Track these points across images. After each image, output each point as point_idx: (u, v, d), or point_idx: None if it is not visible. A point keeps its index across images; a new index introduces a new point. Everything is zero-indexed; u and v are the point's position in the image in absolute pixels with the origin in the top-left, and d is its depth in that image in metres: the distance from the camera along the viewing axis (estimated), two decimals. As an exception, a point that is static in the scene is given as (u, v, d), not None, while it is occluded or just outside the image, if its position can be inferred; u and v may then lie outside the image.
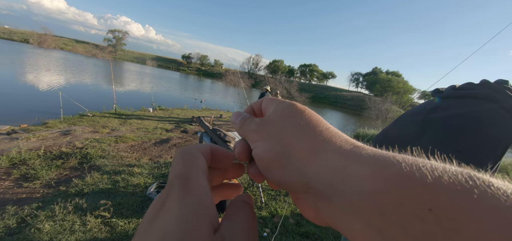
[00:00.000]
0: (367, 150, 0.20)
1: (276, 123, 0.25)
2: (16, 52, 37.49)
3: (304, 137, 0.22)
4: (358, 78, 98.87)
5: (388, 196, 0.16)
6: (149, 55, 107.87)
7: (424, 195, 0.15)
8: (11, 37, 77.21)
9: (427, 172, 0.16)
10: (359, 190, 0.17)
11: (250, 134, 0.26)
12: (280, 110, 0.26)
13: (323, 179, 0.20)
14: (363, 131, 12.85)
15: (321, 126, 0.23)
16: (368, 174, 0.17)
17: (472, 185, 0.14)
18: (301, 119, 0.24)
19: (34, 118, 7.06)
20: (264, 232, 2.73)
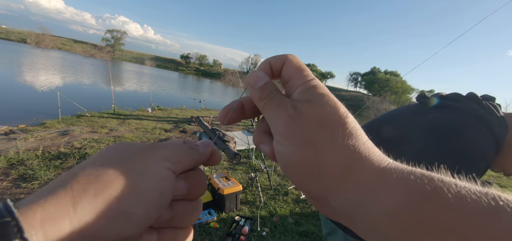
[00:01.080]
0: (397, 169, 0.19)
1: (311, 126, 0.21)
2: (14, 52, 37.26)
3: (340, 153, 0.20)
4: (356, 77, 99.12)
5: (410, 214, 0.16)
6: (147, 55, 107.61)
7: (447, 215, 0.15)
8: (9, 37, 76.75)
9: (451, 191, 0.16)
10: (384, 211, 0.17)
11: (277, 122, 0.23)
12: (320, 108, 0.22)
13: (349, 204, 0.20)
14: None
15: (359, 140, 0.21)
16: (393, 193, 0.18)
17: (496, 206, 0.14)
18: (342, 130, 0.21)
19: (32, 118, 7.02)
20: (263, 231, 2.73)
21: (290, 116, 0.22)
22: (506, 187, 6.09)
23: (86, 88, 16.68)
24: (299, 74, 0.24)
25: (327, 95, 0.23)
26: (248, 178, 3.98)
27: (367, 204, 0.19)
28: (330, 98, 0.22)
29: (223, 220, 2.83)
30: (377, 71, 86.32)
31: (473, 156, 0.63)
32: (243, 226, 2.69)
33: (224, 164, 4.62)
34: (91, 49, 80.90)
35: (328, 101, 0.22)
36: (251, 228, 2.73)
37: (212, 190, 3.05)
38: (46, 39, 75.55)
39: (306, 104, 0.22)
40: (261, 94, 0.24)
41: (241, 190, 3.11)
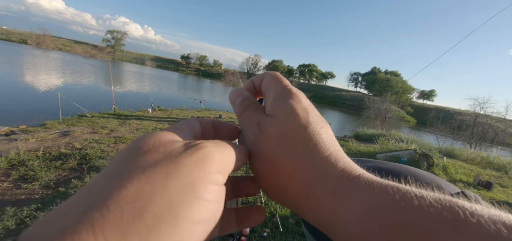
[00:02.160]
0: (364, 177, 0.19)
1: (273, 143, 0.21)
2: (15, 53, 37.35)
3: (302, 167, 0.20)
4: (357, 78, 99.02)
5: (379, 220, 0.16)
6: (148, 55, 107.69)
7: (416, 222, 0.15)
8: (9, 38, 76.91)
9: (420, 200, 0.16)
10: (352, 219, 0.17)
11: (250, 134, 0.23)
12: (281, 122, 0.21)
13: (319, 215, 0.20)
14: (362, 131, 12.88)
15: (325, 151, 0.20)
16: (361, 200, 0.18)
17: (463, 217, 0.15)
18: (305, 143, 0.20)
19: (32, 119, 7.03)
20: (264, 232, 2.73)
21: (254, 133, 0.22)
22: (507, 187, 6.07)
23: (87, 88, 16.71)
24: (272, 84, 0.24)
25: (291, 105, 0.22)
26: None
27: (338, 215, 0.18)
28: (294, 108, 0.21)
29: (223, 220, 2.83)
30: (378, 71, 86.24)
31: None
32: (244, 227, 2.68)
33: (225, 164, 4.63)
34: (91, 49, 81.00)
35: (291, 112, 0.21)
36: (252, 229, 2.72)
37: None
38: (47, 40, 75.67)
39: (270, 119, 0.22)
40: (239, 108, 0.25)
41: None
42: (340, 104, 66.72)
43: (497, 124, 15.31)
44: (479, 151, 11.13)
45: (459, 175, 6.41)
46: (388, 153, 7.60)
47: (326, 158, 0.20)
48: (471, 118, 16.30)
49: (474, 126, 15.40)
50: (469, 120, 16.30)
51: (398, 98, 60.65)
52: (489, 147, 13.84)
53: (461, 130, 16.16)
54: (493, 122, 15.30)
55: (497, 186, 5.81)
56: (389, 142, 9.34)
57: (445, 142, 14.56)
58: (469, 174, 6.69)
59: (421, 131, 22.10)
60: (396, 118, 30.08)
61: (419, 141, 10.69)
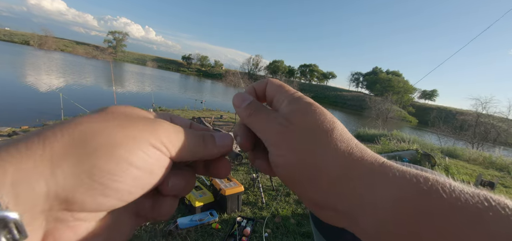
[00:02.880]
0: (392, 166, 0.20)
1: (304, 132, 0.22)
2: (17, 54, 37.57)
3: (335, 157, 0.21)
4: (358, 78, 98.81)
5: (409, 205, 0.17)
6: (149, 56, 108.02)
7: (443, 209, 0.16)
8: (12, 39, 77.38)
9: (445, 190, 0.17)
10: (383, 205, 0.18)
11: (269, 134, 0.23)
12: (309, 116, 0.23)
13: (349, 203, 0.20)
14: (363, 131, 12.85)
15: (351, 143, 0.22)
16: (392, 187, 0.18)
17: (488, 206, 0.15)
18: (333, 134, 0.22)
19: (34, 119, 7.07)
20: (265, 232, 2.73)
21: (281, 125, 0.23)
22: (510, 187, 6.04)
23: (89, 89, 16.76)
24: (283, 89, 0.26)
25: (313, 104, 0.24)
26: (249, 179, 3.98)
27: (367, 200, 0.19)
28: (317, 106, 0.24)
29: (225, 221, 2.83)
30: (379, 71, 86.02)
31: None
32: (245, 227, 2.68)
33: (226, 164, 4.62)
34: (93, 50, 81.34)
35: (315, 109, 0.23)
36: (253, 229, 2.72)
37: (214, 191, 3.05)
38: (49, 41, 76.08)
39: (296, 112, 0.23)
40: (247, 111, 0.25)
41: (243, 191, 3.11)
42: (341, 104, 66.59)
43: (499, 124, 15.23)
44: (481, 151, 11.08)
45: (461, 175, 6.38)
46: (389, 153, 7.57)
47: (354, 147, 0.22)
48: (473, 118, 16.22)
49: (476, 126, 15.32)
50: (471, 120, 16.22)
51: (399, 98, 60.46)
52: (491, 147, 13.75)
53: (463, 130, 16.09)
54: (496, 122, 15.22)
55: (499, 187, 5.78)
56: (391, 142, 9.31)
57: (447, 142, 14.49)
58: (471, 175, 6.66)
59: (423, 131, 22.02)
60: (398, 118, 29.99)
61: (421, 141, 10.65)
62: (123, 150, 0.17)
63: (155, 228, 2.54)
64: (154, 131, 0.19)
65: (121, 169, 0.17)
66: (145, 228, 2.53)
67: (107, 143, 0.16)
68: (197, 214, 2.75)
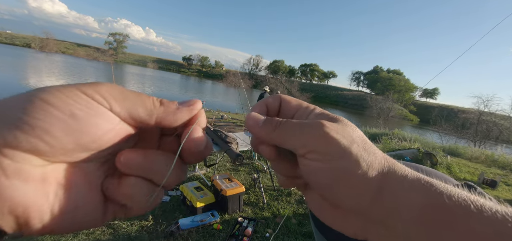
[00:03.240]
0: (419, 176, 0.21)
1: (346, 139, 0.22)
2: (19, 57, 37.78)
3: (375, 161, 0.22)
4: (359, 77, 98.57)
5: (435, 213, 0.18)
6: (150, 57, 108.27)
7: (467, 223, 0.17)
8: (13, 42, 77.77)
9: (472, 202, 0.18)
10: (413, 214, 0.19)
11: (308, 139, 0.22)
12: (344, 124, 0.23)
13: (383, 210, 0.21)
14: (365, 130, 12.82)
15: (378, 153, 0.23)
16: (420, 196, 0.19)
17: None
18: (367, 142, 0.23)
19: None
20: (266, 232, 2.72)
21: (317, 129, 0.22)
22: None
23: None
24: (302, 106, 0.26)
25: (340, 117, 0.24)
26: (251, 179, 3.98)
27: (399, 208, 0.20)
28: (344, 120, 0.24)
29: (226, 221, 2.83)
30: (380, 70, 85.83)
31: None
32: (246, 228, 2.68)
33: (227, 165, 4.62)
34: (94, 52, 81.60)
35: (346, 121, 0.24)
36: (254, 230, 2.72)
37: (215, 191, 3.05)
38: (50, 43, 76.36)
39: (332, 120, 0.23)
40: (268, 127, 0.24)
41: (244, 191, 3.11)
42: (343, 103, 66.45)
43: (501, 121, 15.15)
44: (483, 149, 11.02)
45: (463, 173, 6.35)
46: (391, 152, 7.56)
47: (386, 155, 0.23)
48: (475, 116, 16.14)
49: (478, 124, 15.25)
50: (473, 118, 16.14)
51: (400, 97, 60.29)
52: (493, 145, 13.69)
53: (465, 128, 16.01)
54: (498, 120, 15.14)
55: (502, 185, 5.74)
56: (392, 141, 9.28)
57: (448, 140, 14.42)
58: (474, 173, 6.63)
59: (424, 130, 21.95)
60: (399, 117, 29.92)
61: (423, 139, 10.60)
62: (43, 93, 0.17)
63: (157, 229, 2.55)
64: (92, 84, 0.19)
65: (34, 104, 0.17)
66: (147, 229, 2.54)
67: (46, 91, 0.17)
68: (198, 215, 2.75)
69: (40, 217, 0.17)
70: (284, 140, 0.24)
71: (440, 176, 0.79)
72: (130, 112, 0.20)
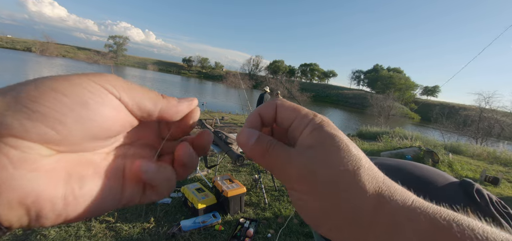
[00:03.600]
0: (422, 207, 0.19)
1: (329, 174, 0.20)
2: (20, 61, 37.95)
3: (364, 200, 0.20)
4: (359, 75, 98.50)
5: None
6: (150, 59, 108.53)
7: None
8: (14, 46, 78.12)
9: (478, 237, 0.17)
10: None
11: (291, 174, 0.21)
12: (335, 152, 0.20)
13: (384, 236, 0.19)
14: (365, 129, 12.80)
15: (379, 179, 0.21)
16: (420, 232, 0.18)
17: None
18: (361, 171, 0.20)
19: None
20: (268, 233, 2.72)
21: (303, 168, 0.20)
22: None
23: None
24: (300, 114, 0.23)
25: (336, 136, 0.21)
26: (252, 179, 3.98)
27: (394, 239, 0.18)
28: (341, 138, 0.21)
29: (227, 222, 2.83)
30: (380, 69, 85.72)
31: None
32: (248, 228, 2.68)
33: (228, 166, 4.63)
34: (94, 55, 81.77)
35: (340, 142, 0.21)
36: (256, 230, 2.72)
37: (216, 192, 3.05)
38: (51, 47, 76.71)
39: (318, 150, 0.21)
40: (259, 149, 0.22)
41: (245, 192, 3.10)
42: (343, 102, 66.37)
43: (503, 118, 15.08)
44: (485, 147, 10.97)
45: (465, 171, 6.32)
46: (392, 150, 7.53)
47: (382, 185, 0.20)
48: (476, 113, 16.08)
49: (480, 121, 15.17)
50: (474, 115, 16.07)
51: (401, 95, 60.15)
52: (495, 142, 13.63)
53: (467, 125, 15.94)
54: (499, 117, 15.07)
55: (504, 182, 5.71)
56: (393, 140, 9.25)
57: (450, 138, 14.38)
58: (476, 170, 6.60)
59: (425, 128, 21.90)
60: (400, 115, 29.84)
61: (424, 137, 10.57)
62: (51, 81, 0.17)
63: (158, 231, 2.55)
64: (101, 74, 0.19)
65: (44, 93, 0.16)
66: (149, 231, 2.54)
67: (65, 85, 0.17)
68: (200, 216, 2.75)
69: (52, 207, 0.17)
70: (270, 169, 0.22)
71: (433, 171, 0.78)
72: (138, 102, 0.20)
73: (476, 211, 0.65)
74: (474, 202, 0.67)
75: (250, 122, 0.24)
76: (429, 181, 0.74)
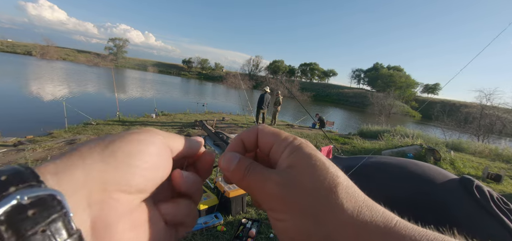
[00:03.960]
0: (406, 228, 0.18)
1: (305, 194, 0.20)
2: (20, 65, 38.06)
3: (342, 221, 0.19)
4: (359, 74, 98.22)
5: None
6: (150, 61, 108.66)
7: None
8: (14, 50, 78.33)
9: None
10: None
11: (267, 197, 0.22)
12: (310, 172, 0.21)
13: None
14: (366, 128, 12.77)
15: (359, 200, 0.20)
16: None
17: None
18: (338, 192, 0.20)
19: (39, 129, 7.14)
20: (270, 233, 2.72)
21: (280, 187, 0.21)
22: (517, 179, 5.93)
23: (91, 96, 16.92)
24: (279, 138, 0.24)
25: (314, 156, 0.21)
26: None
27: None
28: (318, 158, 0.21)
29: (230, 223, 2.83)
30: (380, 67, 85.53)
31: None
32: (250, 229, 2.67)
33: (229, 166, 4.62)
34: (94, 58, 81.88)
35: (316, 162, 0.21)
36: (258, 230, 2.71)
37: (218, 193, 3.05)
38: (51, 50, 76.82)
39: (295, 170, 0.21)
40: (238, 173, 0.23)
41: (247, 193, 3.10)
42: (344, 101, 66.19)
43: (505, 115, 15.01)
44: (487, 144, 10.93)
45: (467, 168, 6.30)
46: (393, 149, 7.51)
47: (362, 205, 0.20)
48: (477, 110, 16.01)
49: (481, 118, 15.12)
50: (475, 112, 16.01)
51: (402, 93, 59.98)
52: (497, 139, 13.58)
53: (468, 123, 15.88)
54: (501, 113, 15.00)
55: (507, 179, 5.69)
56: (394, 138, 9.23)
57: (451, 135, 14.33)
58: (478, 168, 6.57)
59: (427, 126, 21.84)
60: (401, 113, 29.75)
61: (425, 135, 10.53)
62: (140, 137, 0.20)
63: (161, 232, 2.55)
64: (165, 136, 0.23)
65: (137, 150, 0.19)
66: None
67: (128, 136, 0.20)
68: (202, 217, 2.75)
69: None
70: (252, 191, 0.23)
71: (434, 169, 0.77)
72: (179, 155, 0.25)
73: (476, 207, 0.65)
74: (474, 198, 0.67)
75: (232, 147, 0.26)
76: (430, 179, 0.73)
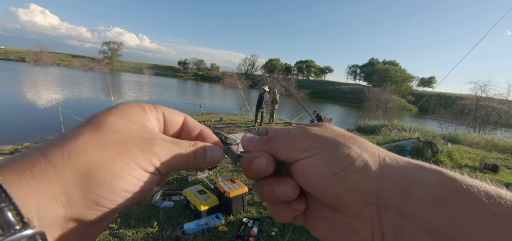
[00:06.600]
0: (423, 164, 0.21)
1: (336, 133, 0.23)
2: (14, 71, 37.60)
3: (370, 149, 0.22)
4: (355, 70, 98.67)
5: (456, 203, 0.17)
6: (145, 64, 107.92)
7: (488, 203, 0.16)
8: (8, 57, 77.32)
9: (483, 186, 0.18)
10: (432, 194, 0.18)
11: (294, 144, 0.24)
12: (332, 126, 0.25)
13: (399, 184, 0.20)
14: (364, 123, 12.84)
15: (365, 139, 0.24)
16: (437, 180, 0.19)
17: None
18: (348, 133, 0.24)
19: (35, 136, 7.07)
20: (272, 231, 2.73)
21: (304, 131, 0.24)
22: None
23: (87, 101, 16.78)
24: (284, 127, 0.28)
25: (329, 125, 0.26)
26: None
27: (412, 189, 0.19)
28: (332, 126, 0.26)
29: (231, 223, 2.83)
30: (376, 62, 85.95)
31: None
32: (252, 228, 2.68)
33: (229, 166, 4.62)
34: (89, 62, 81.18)
35: (326, 123, 0.26)
36: (260, 229, 2.72)
37: (218, 193, 3.05)
38: (45, 56, 75.92)
39: (315, 126, 0.25)
40: (262, 142, 0.26)
41: (247, 192, 3.11)
42: (341, 97, 66.43)
43: (500, 106, 15.19)
44: (483, 135, 11.06)
45: (464, 160, 6.37)
46: (391, 143, 7.56)
47: (375, 147, 0.23)
48: (473, 102, 16.18)
49: (477, 109, 15.29)
50: (471, 104, 16.17)
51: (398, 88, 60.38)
52: (493, 130, 13.73)
53: (464, 115, 16.05)
54: (496, 104, 15.18)
55: (503, 169, 5.76)
56: (392, 132, 9.30)
57: (448, 128, 14.47)
58: (475, 159, 6.65)
59: (423, 119, 22.02)
60: (398, 107, 29.97)
61: (422, 129, 10.63)
62: (122, 182, 0.20)
63: (162, 235, 2.54)
64: (148, 156, 0.21)
65: (119, 195, 0.20)
66: (152, 235, 2.53)
67: (108, 175, 0.19)
68: (203, 218, 2.75)
69: None
70: (276, 150, 0.25)
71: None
72: (170, 171, 0.24)
73: None
74: None
75: (250, 134, 0.29)
76: None
